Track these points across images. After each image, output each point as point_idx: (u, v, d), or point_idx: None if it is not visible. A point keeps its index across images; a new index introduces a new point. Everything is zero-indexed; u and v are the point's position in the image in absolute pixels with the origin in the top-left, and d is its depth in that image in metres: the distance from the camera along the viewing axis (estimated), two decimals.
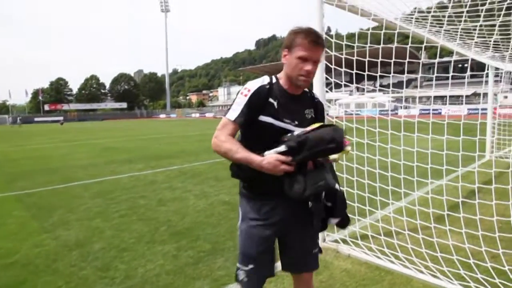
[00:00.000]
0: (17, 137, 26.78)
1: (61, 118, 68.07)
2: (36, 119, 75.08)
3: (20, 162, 11.57)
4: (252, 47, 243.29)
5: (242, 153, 1.64)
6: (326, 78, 3.64)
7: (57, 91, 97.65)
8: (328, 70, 3.67)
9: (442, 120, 3.30)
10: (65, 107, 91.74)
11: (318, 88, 3.67)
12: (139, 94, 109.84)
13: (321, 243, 3.78)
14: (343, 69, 3.73)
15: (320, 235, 3.80)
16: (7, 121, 63.04)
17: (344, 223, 1.82)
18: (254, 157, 1.60)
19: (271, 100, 1.76)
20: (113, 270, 3.45)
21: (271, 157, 1.57)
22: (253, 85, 1.79)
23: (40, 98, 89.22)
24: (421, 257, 3.16)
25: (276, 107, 1.76)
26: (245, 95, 1.76)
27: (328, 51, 3.67)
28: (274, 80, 1.84)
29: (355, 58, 3.72)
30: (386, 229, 3.63)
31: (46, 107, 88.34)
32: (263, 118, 1.74)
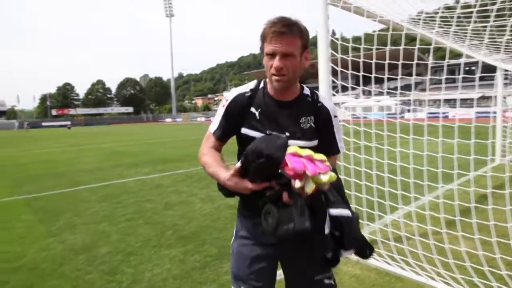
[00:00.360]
0: (25, 141, 26.98)
1: (68, 122, 68.75)
2: (43, 123, 75.80)
3: (28, 166, 11.64)
4: (257, 51, 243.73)
5: (212, 168, 1.46)
6: (333, 81, 3.61)
7: (64, 96, 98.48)
8: (334, 73, 3.64)
9: (452, 123, 3.24)
10: (72, 111, 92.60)
11: (324, 91, 3.64)
12: (145, 98, 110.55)
13: None
14: (350, 72, 3.70)
15: None
16: (15, 126, 63.85)
17: (361, 253, 1.52)
18: (221, 174, 1.39)
19: (252, 109, 1.54)
20: (120, 274, 3.43)
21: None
22: (231, 94, 1.60)
23: (48, 103, 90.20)
24: (432, 263, 3.10)
25: (257, 117, 1.53)
26: (223, 106, 1.59)
27: (334, 53, 3.64)
28: (261, 86, 1.60)
29: (361, 60, 3.68)
30: (395, 234, 3.56)
31: (54, 112, 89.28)
32: (244, 131, 1.54)
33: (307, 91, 1.62)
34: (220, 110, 1.60)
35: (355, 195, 3.65)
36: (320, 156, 1.32)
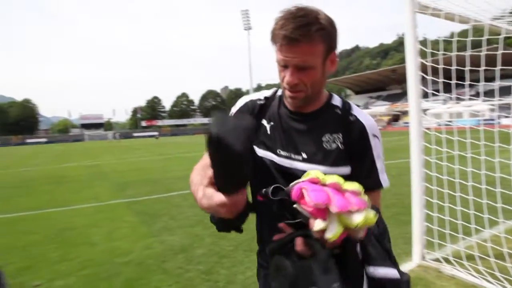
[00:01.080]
0: (119, 151, 29.90)
1: (156, 133, 74.75)
2: (134, 134, 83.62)
3: (125, 174, 12.94)
4: None
5: (194, 186, 0.97)
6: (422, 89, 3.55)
7: (152, 109, 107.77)
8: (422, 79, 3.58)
9: None
10: (159, 123, 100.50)
11: (413, 101, 3.58)
12: (226, 109, 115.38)
13: (420, 261, 3.63)
14: (441, 80, 3.59)
15: (418, 250, 3.64)
16: (109, 137, 72.80)
17: None
18: (199, 192, 0.90)
19: (264, 122, 1.22)
20: (216, 274, 3.71)
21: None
22: (241, 101, 1.29)
23: (138, 115, 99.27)
24: None
25: (268, 132, 1.20)
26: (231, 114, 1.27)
27: (423, 61, 3.57)
28: (278, 93, 1.26)
29: (454, 68, 3.53)
30: (496, 251, 3.33)
31: (143, 123, 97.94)
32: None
33: (337, 101, 1.20)
34: None
35: (449, 207, 3.52)
36: (354, 186, 0.84)
